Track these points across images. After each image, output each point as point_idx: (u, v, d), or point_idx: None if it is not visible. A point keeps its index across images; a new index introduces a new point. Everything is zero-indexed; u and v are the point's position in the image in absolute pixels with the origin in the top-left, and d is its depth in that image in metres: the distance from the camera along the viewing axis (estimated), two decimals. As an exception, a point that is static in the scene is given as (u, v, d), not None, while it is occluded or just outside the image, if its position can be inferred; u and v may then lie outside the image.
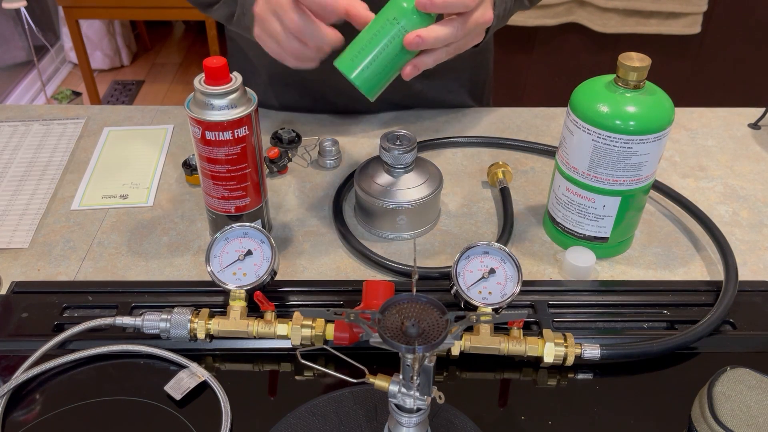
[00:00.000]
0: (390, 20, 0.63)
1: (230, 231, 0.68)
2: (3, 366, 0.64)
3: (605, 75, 0.71)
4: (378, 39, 0.63)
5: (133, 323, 0.64)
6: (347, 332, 0.62)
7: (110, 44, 3.12)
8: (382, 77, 0.65)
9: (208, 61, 0.65)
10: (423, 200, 0.77)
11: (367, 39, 0.64)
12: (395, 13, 0.63)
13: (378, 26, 0.64)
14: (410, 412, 0.50)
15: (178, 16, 2.56)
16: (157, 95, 3.05)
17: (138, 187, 0.88)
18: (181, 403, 0.60)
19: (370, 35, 0.64)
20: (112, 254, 0.78)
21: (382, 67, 0.64)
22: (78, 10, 2.39)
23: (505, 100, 1.92)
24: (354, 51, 0.64)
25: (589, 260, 0.73)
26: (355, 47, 0.64)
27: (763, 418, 0.54)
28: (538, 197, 0.87)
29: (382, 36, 0.63)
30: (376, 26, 0.64)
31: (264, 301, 0.64)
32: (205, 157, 0.70)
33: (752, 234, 0.81)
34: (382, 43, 0.63)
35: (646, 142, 0.67)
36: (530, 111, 1.04)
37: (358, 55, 0.64)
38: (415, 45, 0.63)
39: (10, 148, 0.95)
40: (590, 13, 2.12)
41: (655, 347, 0.64)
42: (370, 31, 0.64)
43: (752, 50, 2.22)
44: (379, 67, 0.64)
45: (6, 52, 2.82)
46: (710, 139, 0.98)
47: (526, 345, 0.62)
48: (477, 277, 0.66)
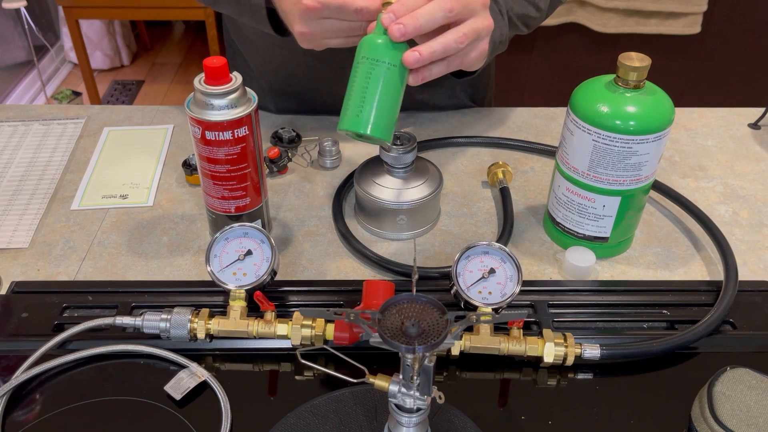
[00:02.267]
0: (374, 62, 0.61)
1: (230, 231, 0.68)
2: (3, 366, 0.64)
3: (605, 75, 0.71)
4: (373, 84, 0.61)
5: (133, 323, 0.64)
6: (347, 332, 0.62)
7: (110, 44, 3.12)
8: (391, 117, 0.63)
9: (208, 61, 0.65)
10: (423, 200, 0.77)
11: (361, 89, 0.61)
12: (375, 54, 0.61)
13: (365, 73, 0.61)
14: (410, 412, 0.50)
15: (178, 16, 2.56)
16: (157, 95, 3.05)
17: (138, 187, 0.88)
18: (181, 403, 0.60)
19: (362, 84, 0.61)
20: (112, 254, 0.78)
21: (389, 107, 0.62)
22: (78, 10, 2.39)
23: (505, 100, 1.92)
24: (355, 107, 0.61)
25: (589, 260, 0.73)
26: (354, 102, 0.61)
27: (763, 418, 0.54)
28: (538, 197, 0.87)
29: (375, 80, 0.61)
30: (363, 74, 0.61)
31: (264, 301, 0.64)
32: (205, 157, 0.70)
33: (752, 234, 0.81)
34: (379, 85, 0.61)
35: (646, 142, 0.67)
36: (530, 111, 1.04)
37: (363, 109, 0.61)
38: (413, 62, 0.61)
39: (10, 148, 0.95)
40: (590, 13, 2.12)
41: (655, 347, 0.64)
42: (360, 81, 0.61)
43: (752, 50, 2.22)
44: (386, 110, 0.61)
45: (6, 52, 2.82)
46: (710, 139, 0.98)
47: (526, 345, 0.62)
48: (477, 277, 0.66)
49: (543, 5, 0.88)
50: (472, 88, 1.05)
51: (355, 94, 0.61)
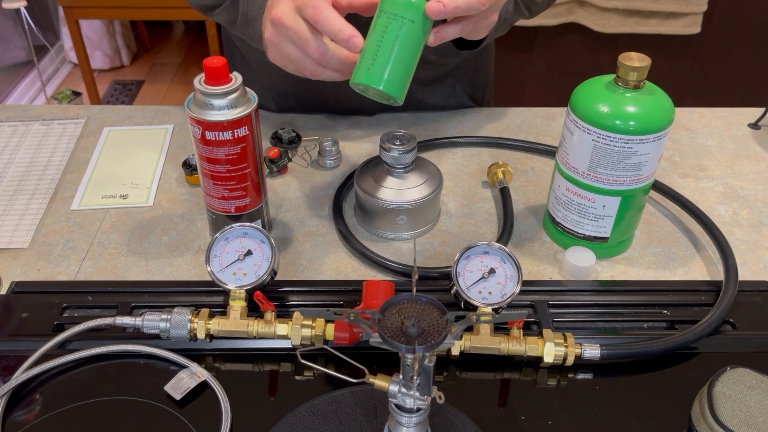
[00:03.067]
0: (392, 16, 0.60)
1: (230, 231, 0.68)
2: (3, 366, 0.64)
3: (605, 75, 0.71)
4: (389, 38, 0.59)
5: (133, 323, 0.64)
6: (347, 332, 0.62)
7: (110, 44, 3.12)
8: (405, 74, 0.61)
9: (208, 61, 0.65)
10: (423, 200, 0.77)
11: (376, 42, 0.60)
12: (395, 8, 0.60)
13: (381, 27, 0.60)
14: (410, 412, 0.50)
15: (178, 16, 2.56)
16: (157, 95, 3.05)
17: (138, 187, 0.88)
18: (181, 403, 0.60)
19: (377, 38, 0.60)
20: (112, 254, 0.78)
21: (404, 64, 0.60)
22: (78, 10, 2.39)
23: (505, 100, 1.92)
24: (368, 61, 0.60)
25: (589, 260, 0.73)
26: (368, 56, 0.60)
27: (763, 418, 0.54)
28: (538, 197, 0.87)
29: (392, 34, 0.59)
30: (379, 28, 0.60)
31: (264, 301, 0.64)
32: (205, 157, 0.70)
33: (752, 234, 0.81)
34: (396, 40, 0.59)
35: (646, 142, 0.67)
36: (530, 111, 1.04)
37: (376, 63, 0.60)
38: (437, 12, 0.60)
39: (10, 148, 0.95)
40: (590, 13, 2.12)
41: (655, 347, 0.64)
42: (376, 36, 0.60)
43: (752, 50, 2.22)
44: (400, 66, 0.60)
45: (6, 52, 2.82)
46: (710, 139, 0.98)
47: (526, 345, 0.62)
48: (477, 277, 0.66)
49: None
50: (472, 88, 1.05)
51: (369, 47, 0.60)
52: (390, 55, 0.60)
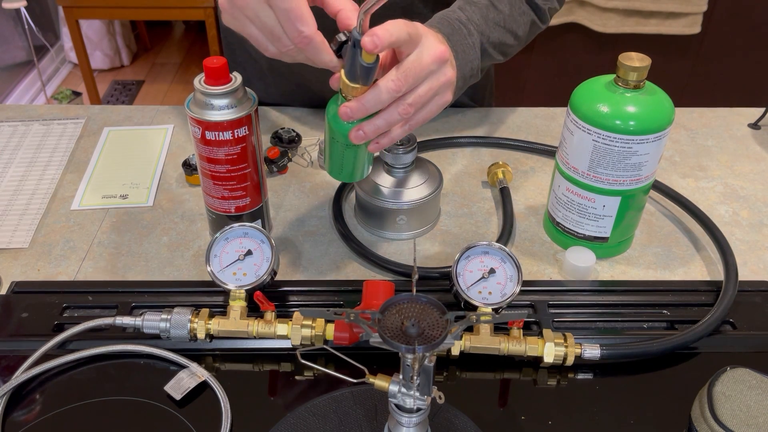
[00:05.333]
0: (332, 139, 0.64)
1: (230, 231, 0.68)
2: (3, 366, 0.64)
3: (605, 75, 0.71)
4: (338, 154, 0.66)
5: (133, 323, 0.64)
6: (347, 332, 0.62)
7: (110, 44, 3.12)
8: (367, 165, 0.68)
9: (208, 61, 0.65)
10: (423, 200, 0.77)
11: (337, 157, 0.66)
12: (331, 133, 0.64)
13: (329, 142, 0.65)
14: (410, 412, 0.50)
15: (178, 16, 2.56)
16: (157, 95, 3.05)
17: (138, 187, 0.88)
18: (181, 403, 0.60)
19: (335, 153, 0.66)
20: (112, 254, 0.78)
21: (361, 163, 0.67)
22: (78, 10, 2.39)
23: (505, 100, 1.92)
24: (335, 167, 0.67)
25: (589, 260, 0.73)
26: (334, 164, 0.67)
27: (763, 418, 0.54)
28: (538, 197, 0.87)
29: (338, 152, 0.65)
30: (328, 142, 0.65)
31: (264, 301, 0.64)
32: (205, 157, 0.70)
33: (752, 234, 0.81)
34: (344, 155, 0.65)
35: (646, 142, 0.67)
36: (530, 111, 1.04)
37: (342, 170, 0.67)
38: (360, 139, 0.61)
39: (10, 148, 0.95)
40: (590, 13, 2.12)
41: (655, 347, 0.64)
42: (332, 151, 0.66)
43: (752, 50, 2.22)
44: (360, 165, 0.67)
45: (6, 52, 2.82)
46: (710, 139, 0.98)
47: (526, 345, 0.62)
48: (477, 277, 0.66)
49: (521, 32, 0.84)
50: (472, 88, 1.05)
51: (331, 158, 0.67)
52: (349, 164, 0.66)
